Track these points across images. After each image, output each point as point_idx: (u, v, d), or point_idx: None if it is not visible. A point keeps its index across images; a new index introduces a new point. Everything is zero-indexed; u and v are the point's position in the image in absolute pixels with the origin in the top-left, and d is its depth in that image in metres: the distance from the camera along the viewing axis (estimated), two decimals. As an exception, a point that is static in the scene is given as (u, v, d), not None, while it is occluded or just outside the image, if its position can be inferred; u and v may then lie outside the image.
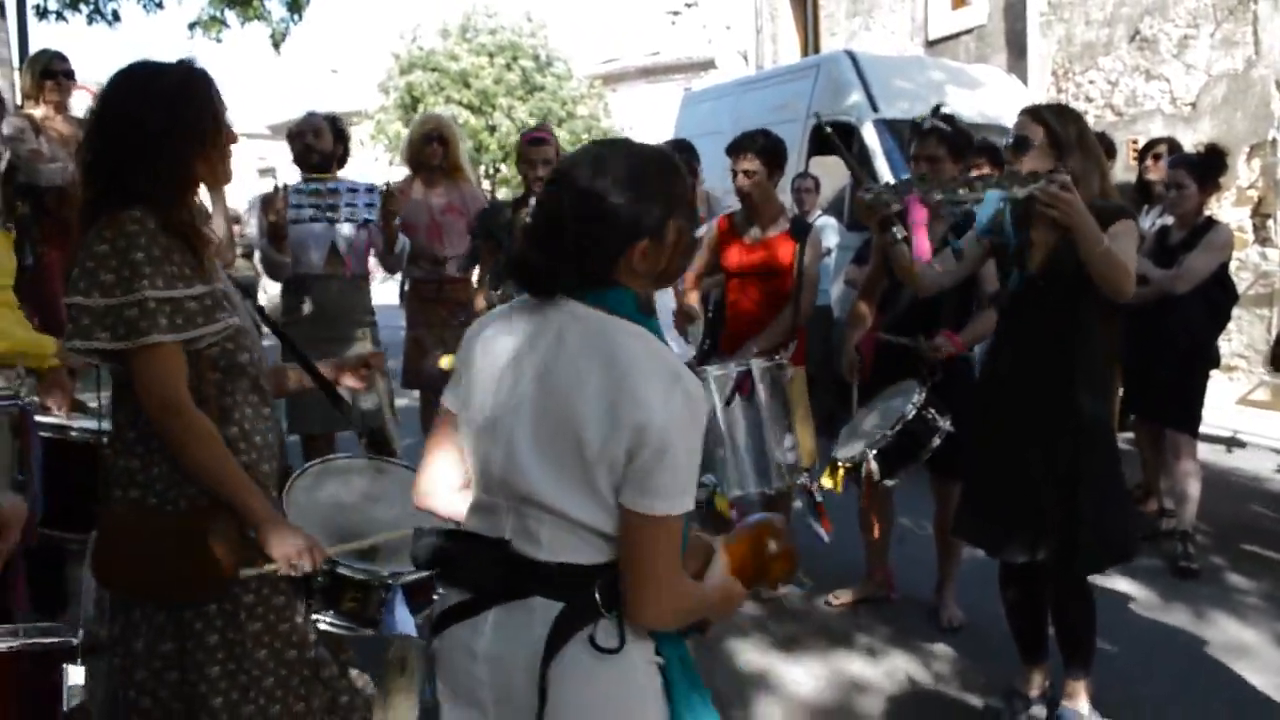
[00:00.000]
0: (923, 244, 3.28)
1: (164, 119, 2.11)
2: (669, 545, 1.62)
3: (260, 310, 2.59)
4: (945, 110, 4.17)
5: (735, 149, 4.48)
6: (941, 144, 4.03)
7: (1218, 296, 5.07)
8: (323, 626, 2.39)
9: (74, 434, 2.95)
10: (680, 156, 6.00)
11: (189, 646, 2.15)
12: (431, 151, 5.55)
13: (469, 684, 1.71)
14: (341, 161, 4.89)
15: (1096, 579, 3.42)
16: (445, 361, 4.92)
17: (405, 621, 2.37)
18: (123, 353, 2.05)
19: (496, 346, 1.71)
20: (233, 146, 2.29)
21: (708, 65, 24.58)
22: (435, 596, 2.42)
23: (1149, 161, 6.10)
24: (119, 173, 2.09)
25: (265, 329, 2.61)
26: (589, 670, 1.63)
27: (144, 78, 2.16)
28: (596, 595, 1.63)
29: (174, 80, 2.16)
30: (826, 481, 3.71)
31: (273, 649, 2.23)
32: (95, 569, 2.21)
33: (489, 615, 1.68)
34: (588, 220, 1.62)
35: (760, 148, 4.41)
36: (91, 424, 3.00)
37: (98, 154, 2.14)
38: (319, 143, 4.76)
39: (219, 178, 2.29)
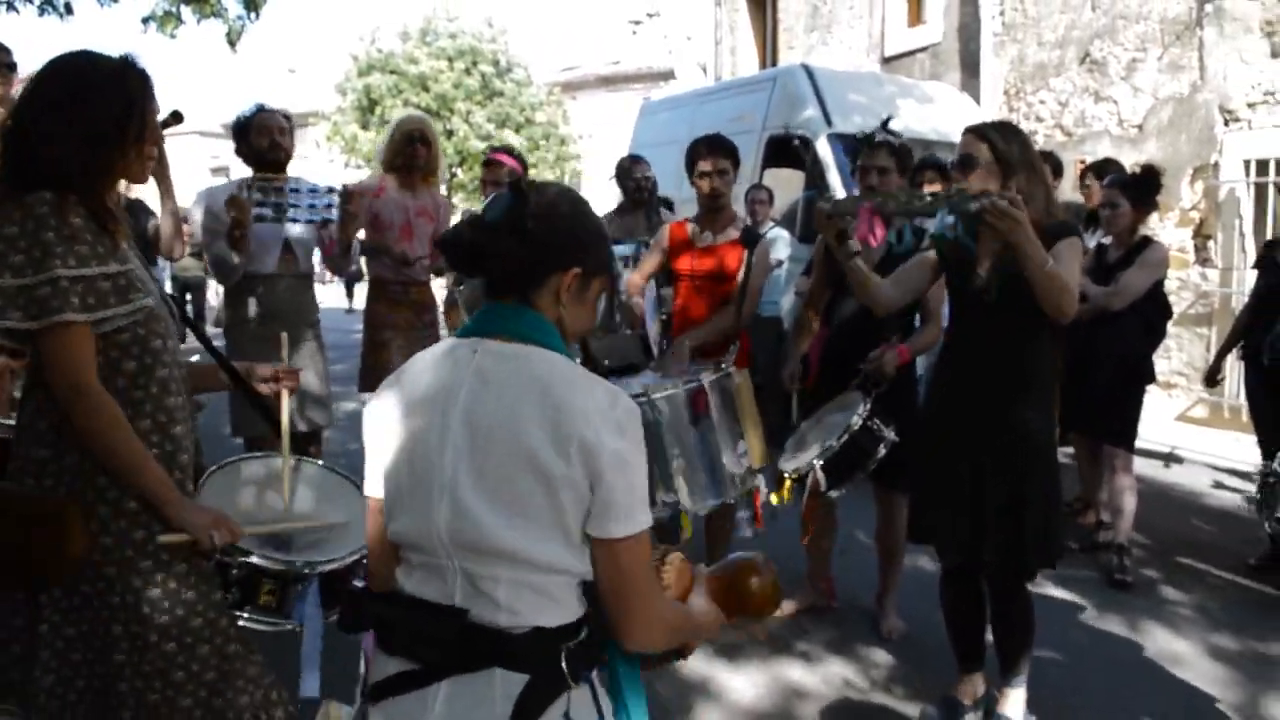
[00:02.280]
0: (871, 231, 3.35)
1: (91, 111, 2.12)
2: (644, 563, 1.60)
3: (184, 314, 2.54)
4: (893, 125, 4.24)
5: (711, 149, 4.41)
6: (891, 156, 4.09)
7: (1153, 314, 5.20)
8: (240, 622, 2.37)
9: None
10: (638, 167, 6.05)
11: (99, 631, 2.17)
12: (415, 152, 5.49)
13: None
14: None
15: (1033, 589, 3.48)
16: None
17: (313, 613, 2.34)
18: (34, 333, 2.05)
19: (404, 409, 1.64)
20: (154, 149, 2.28)
21: (667, 75, 24.67)
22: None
23: (1087, 189, 6.24)
24: (38, 154, 2.09)
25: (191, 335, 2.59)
26: None
27: (80, 65, 2.17)
28: (564, 665, 1.55)
29: (110, 71, 2.17)
30: (774, 498, 3.74)
31: (182, 643, 2.22)
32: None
33: (439, 689, 1.56)
34: (549, 222, 1.64)
35: (730, 150, 4.44)
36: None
37: (20, 133, 2.12)
38: (285, 140, 4.70)
39: (135, 175, 2.27)
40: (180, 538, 2.14)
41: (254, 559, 2.29)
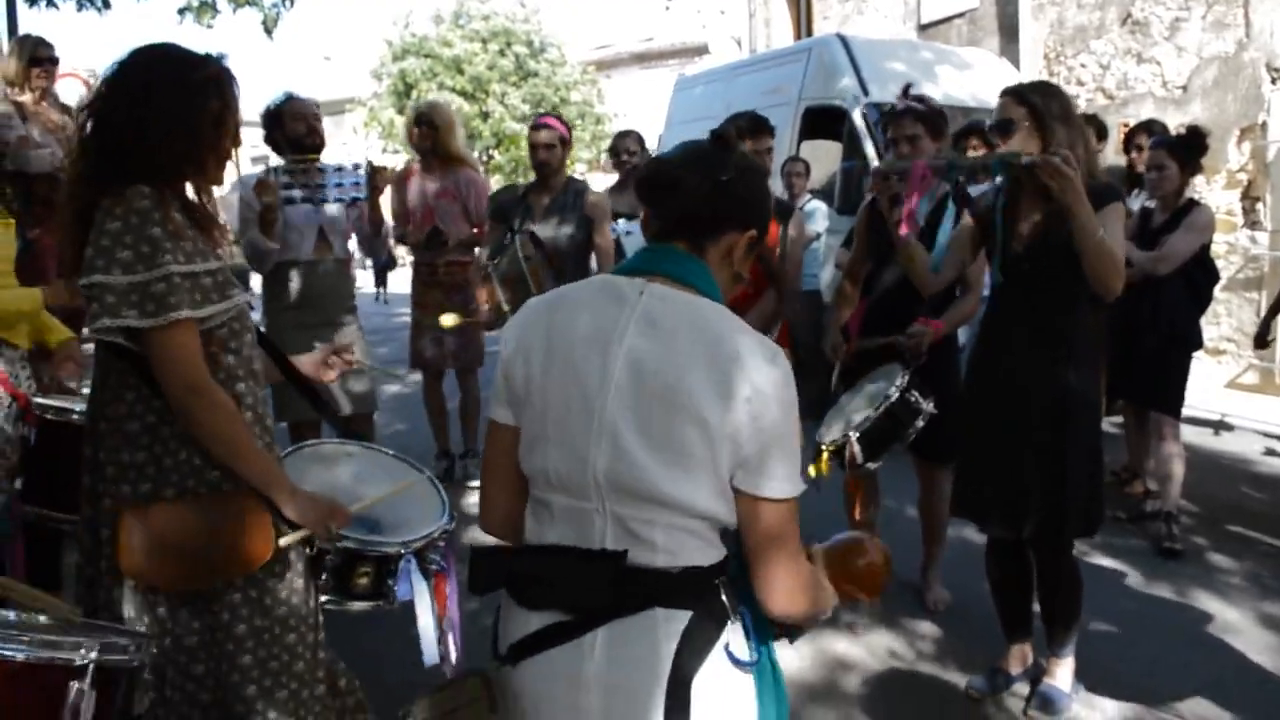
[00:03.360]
0: (910, 208, 3.32)
1: (190, 107, 2.08)
2: (795, 527, 1.57)
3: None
4: (918, 91, 4.16)
5: (754, 131, 4.38)
6: (918, 123, 3.98)
7: (1199, 278, 5.11)
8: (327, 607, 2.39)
9: (75, 416, 2.92)
10: (623, 141, 5.95)
11: (218, 637, 2.12)
12: (420, 134, 5.59)
13: (572, 717, 1.57)
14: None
15: (1081, 558, 3.45)
16: (446, 319, 4.92)
17: (420, 590, 2.39)
18: (144, 332, 1.99)
19: (557, 340, 1.59)
20: (234, 153, 2.27)
21: (701, 50, 24.52)
22: (432, 566, 2.46)
23: (1134, 154, 6.12)
24: (126, 148, 2.05)
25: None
26: (727, 683, 1.56)
27: (179, 63, 2.12)
28: (724, 598, 1.56)
29: (209, 74, 2.13)
30: (811, 470, 3.73)
31: (299, 632, 2.20)
32: (129, 571, 2.05)
33: (596, 636, 1.54)
34: (747, 179, 1.65)
35: (769, 128, 4.42)
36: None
37: (109, 124, 2.08)
38: (319, 125, 4.75)
39: (215, 178, 2.24)
40: (297, 537, 2.13)
41: (350, 544, 2.33)
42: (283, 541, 2.11)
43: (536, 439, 1.61)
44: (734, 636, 1.57)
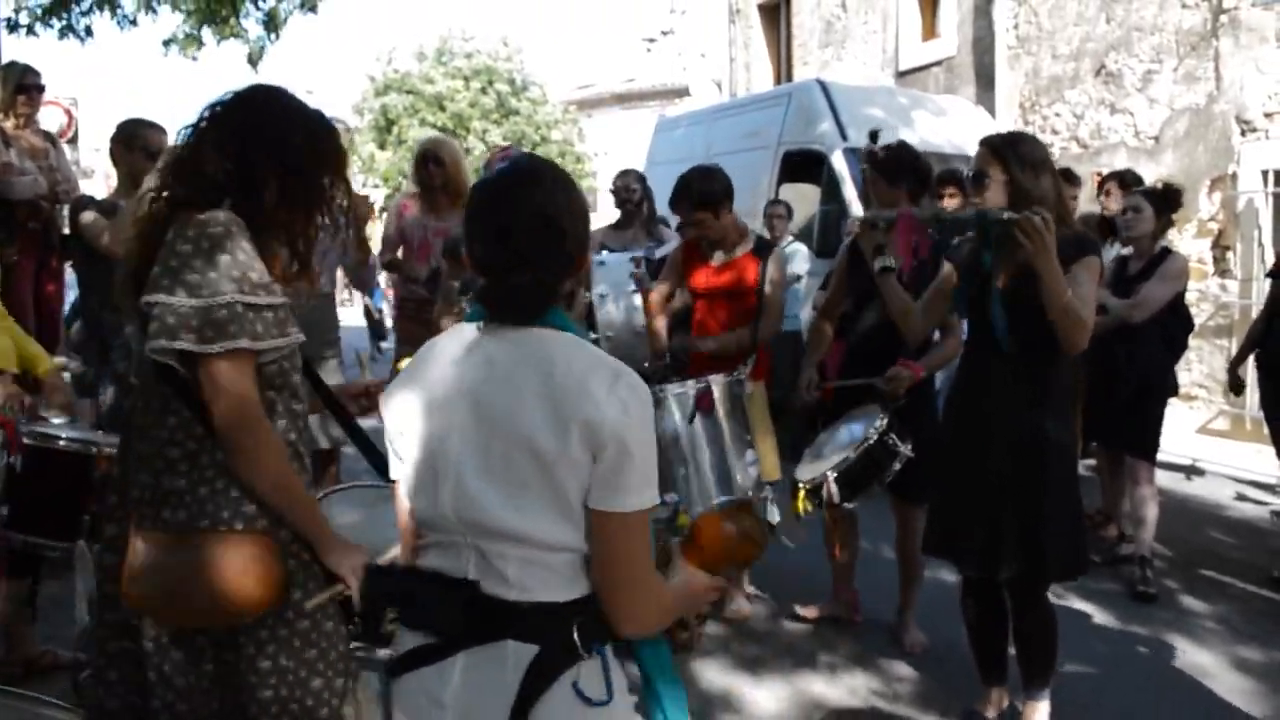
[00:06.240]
0: (904, 251, 3.37)
1: (314, 174, 2.14)
2: (643, 543, 1.60)
3: None
4: (895, 136, 4.27)
5: (674, 205, 4.46)
6: (872, 167, 4.15)
7: (1174, 325, 5.19)
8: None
9: (61, 443, 2.93)
10: (620, 177, 5.98)
11: (241, 668, 2.04)
12: (430, 173, 5.59)
13: None
14: None
15: (1056, 602, 3.47)
16: (403, 364, 4.90)
17: None
18: (199, 357, 1.93)
19: (415, 393, 1.68)
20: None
21: (682, 92, 24.74)
22: None
23: (1104, 196, 6.23)
24: (234, 182, 2.04)
25: None
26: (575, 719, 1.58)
27: (311, 114, 2.17)
28: (575, 636, 1.58)
29: (334, 146, 2.19)
30: (788, 509, 3.74)
31: (326, 677, 2.11)
32: (129, 597, 2.01)
33: (457, 660, 1.60)
34: (550, 236, 1.65)
35: (697, 200, 4.35)
36: (80, 434, 3.04)
37: (219, 153, 2.06)
38: None
39: (308, 234, 2.24)
40: (327, 597, 2.06)
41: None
42: (310, 604, 2.05)
43: (409, 487, 1.70)
44: (586, 673, 1.59)
